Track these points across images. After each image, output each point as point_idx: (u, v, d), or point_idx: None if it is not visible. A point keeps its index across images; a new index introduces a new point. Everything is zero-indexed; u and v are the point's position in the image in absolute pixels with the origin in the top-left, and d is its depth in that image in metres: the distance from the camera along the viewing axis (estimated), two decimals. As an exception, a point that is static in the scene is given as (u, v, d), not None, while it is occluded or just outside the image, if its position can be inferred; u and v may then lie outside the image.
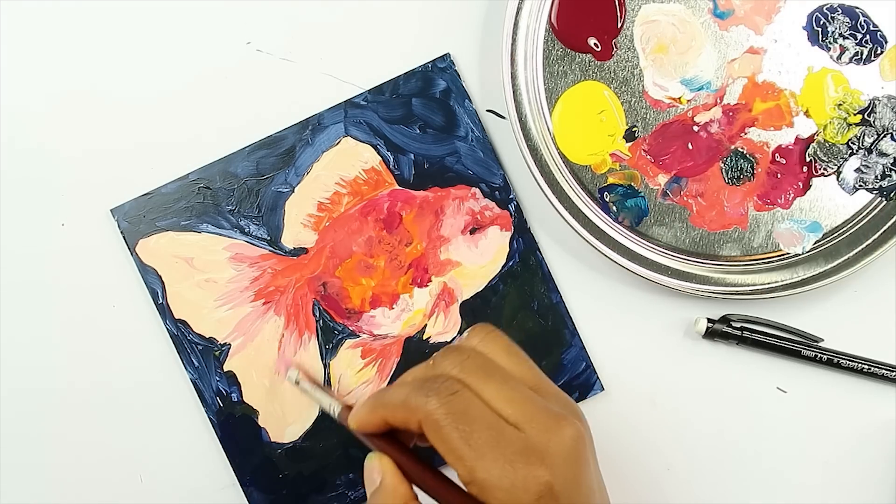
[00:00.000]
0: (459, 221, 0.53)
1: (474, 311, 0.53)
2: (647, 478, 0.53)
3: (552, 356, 0.53)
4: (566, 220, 0.51)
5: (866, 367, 0.52)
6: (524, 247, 0.53)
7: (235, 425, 0.52)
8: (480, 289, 0.53)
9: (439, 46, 0.53)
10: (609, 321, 0.53)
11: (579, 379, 0.53)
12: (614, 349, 0.53)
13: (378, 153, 0.52)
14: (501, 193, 0.53)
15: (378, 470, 0.40)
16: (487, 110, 0.53)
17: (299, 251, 0.52)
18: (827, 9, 0.51)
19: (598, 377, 0.53)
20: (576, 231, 0.51)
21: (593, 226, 0.51)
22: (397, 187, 0.52)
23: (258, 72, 0.53)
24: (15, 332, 0.52)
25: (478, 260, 0.53)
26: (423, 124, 0.52)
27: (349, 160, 0.52)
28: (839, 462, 0.53)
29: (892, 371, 0.52)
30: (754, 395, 0.53)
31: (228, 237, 0.52)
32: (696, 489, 0.54)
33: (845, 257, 0.51)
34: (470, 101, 0.52)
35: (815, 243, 0.51)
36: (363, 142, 0.52)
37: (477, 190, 0.53)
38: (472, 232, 0.53)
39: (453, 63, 0.52)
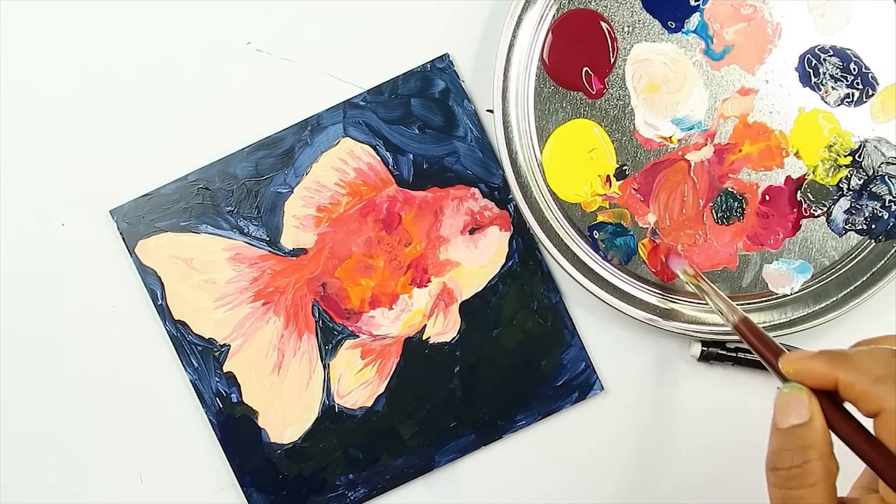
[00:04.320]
0: (459, 222, 0.53)
1: (474, 311, 0.52)
2: (648, 477, 0.53)
3: (552, 356, 0.53)
4: (555, 258, 0.51)
5: None
6: (523, 247, 0.53)
7: (235, 426, 0.52)
8: (480, 289, 0.53)
9: (438, 47, 0.53)
10: (608, 325, 0.53)
11: (579, 379, 0.53)
12: (613, 349, 0.53)
13: (377, 153, 0.52)
14: (501, 193, 0.53)
15: (808, 407, 0.38)
16: (487, 110, 0.53)
17: (298, 252, 0.52)
18: (819, 50, 0.51)
19: (597, 377, 0.53)
20: (564, 269, 0.51)
21: (582, 264, 0.52)
22: (397, 187, 0.52)
23: (258, 72, 0.53)
24: (15, 333, 0.52)
25: (477, 260, 0.53)
26: (422, 124, 0.52)
27: (348, 161, 0.52)
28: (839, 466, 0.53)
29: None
30: (752, 406, 0.53)
31: (228, 238, 0.52)
32: (696, 489, 0.54)
33: (834, 298, 0.51)
34: (469, 101, 0.52)
35: (804, 284, 0.51)
36: (362, 142, 0.52)
37: (476, 190, 0.52)
38: (472, 232, 0.53)
39: (452, 63, 0.52)
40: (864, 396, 0.37)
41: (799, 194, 0.51)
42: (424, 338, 0.53)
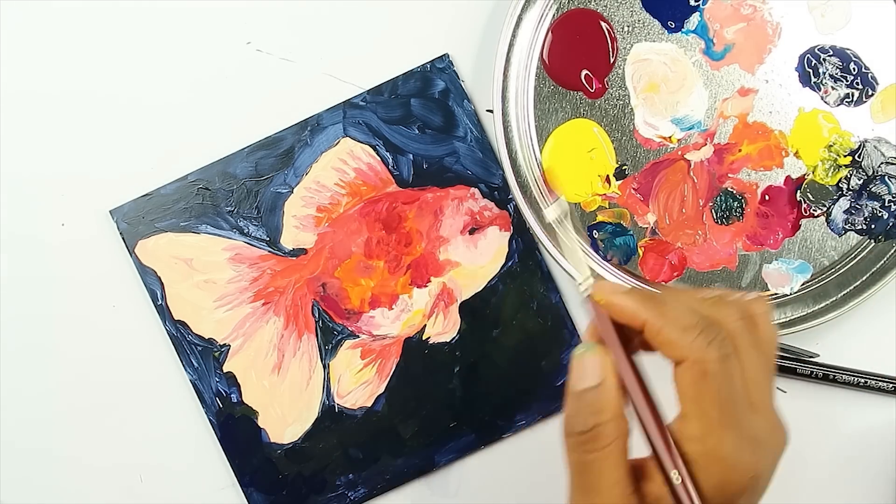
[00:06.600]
0: (458, 222, 0.53)
1: (474, 311, 0.52)
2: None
3: (552, 356, 0.53)
4: (554, 258, 0.51)
5: (863, 381, 0.52)
6: (523, 247, 0.53)
7: (235, 426, 0.52)
8: (480, 289, 0.53)
9: (438, 47, 0.53)
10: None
11: (579, 379, 0.53)
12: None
13: (377, 153, 0.52)
14: (500, 194, 0.52)
15: (601, 368, 0.38)
16: (487, 110, 0.53)
17: (298, 252, 0.52)
18: (819, 50, 0.51)
19: (597, 377, 0.53)
20: (564, 269, 0.51)
21: None
22: (396, 188, 0.52)
23: (258, 72, 0.53)
24: (15, 333, 0.52)
25: (477, 260, 0.53)
26: (422, 125, 0.52)
27: (348, 161, 0.52)
28: (838, 467, 0.53)
29: (890, 383, 0.52)
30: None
31: (227, 238, 0.52)
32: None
33: (833, 298, 0.51)
34: (469, 101, 0.52)
35: (804, 284, 0.51)
36: (362, 142, 0.52)
37: (476, 190, 0.53)
38: (472, 232, 0.53)
39: (452, 63, 0.52)
40: (669, 344, 0.37)
41: (798, 194, 0.51)
42: (424, 338, 0.52)
